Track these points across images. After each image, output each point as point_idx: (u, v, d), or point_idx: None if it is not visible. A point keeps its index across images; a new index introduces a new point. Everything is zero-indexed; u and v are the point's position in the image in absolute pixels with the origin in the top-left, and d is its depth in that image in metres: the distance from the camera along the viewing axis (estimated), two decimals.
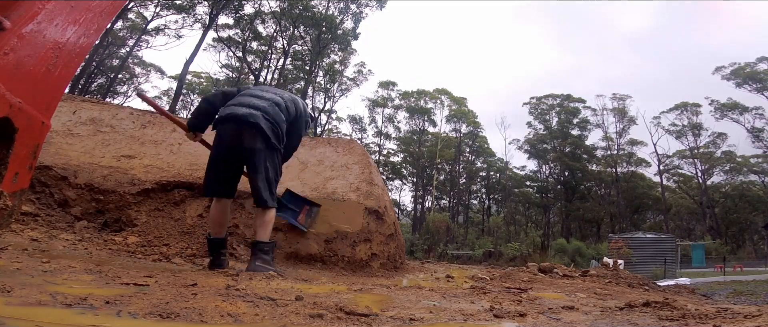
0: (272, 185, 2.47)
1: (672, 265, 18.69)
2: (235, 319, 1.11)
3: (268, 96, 2.55)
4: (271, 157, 2.45)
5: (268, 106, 2.48)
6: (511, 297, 2.07)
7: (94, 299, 1.15)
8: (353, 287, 2.06)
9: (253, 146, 2.38)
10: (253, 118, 2.37)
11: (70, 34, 1.19)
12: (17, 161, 1.10)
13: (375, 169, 4.15)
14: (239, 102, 2.48)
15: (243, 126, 2.37)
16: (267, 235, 2.42)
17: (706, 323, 1.29)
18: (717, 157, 34.80)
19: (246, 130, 2.37)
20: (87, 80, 25.39)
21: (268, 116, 2.43)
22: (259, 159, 2.40)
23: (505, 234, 32.84)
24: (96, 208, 3.22)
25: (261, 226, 2.42)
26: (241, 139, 2.38)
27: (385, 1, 29.57)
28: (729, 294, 6.90)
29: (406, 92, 38.60)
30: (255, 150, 2.38)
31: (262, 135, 2.39)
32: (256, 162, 2.39)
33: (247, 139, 2.38)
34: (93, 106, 4.11)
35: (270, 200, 2.43)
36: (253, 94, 2.55)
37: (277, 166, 2.53)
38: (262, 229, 2.41)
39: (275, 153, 2.49)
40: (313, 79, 31.57)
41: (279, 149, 2.52)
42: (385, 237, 3.63)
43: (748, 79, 30.80)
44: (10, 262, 1.66)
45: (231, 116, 2.40)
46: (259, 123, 2.37)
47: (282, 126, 2.50)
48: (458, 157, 38.41)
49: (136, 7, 25.76)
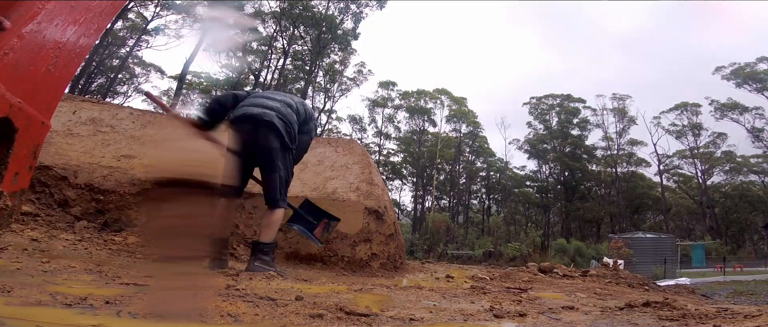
0: (284, 186, 2.49)
1: (672, 265, 18.69)
2: (235, 319, 1.11)
3: (279, 98, 2.58)
4: (284, 156, 2.47)
5: (281, 106, 2.51)
6: (511, 297, 2.07)
7: (94, 299, 1.15)
8: (353, 287, 2.06)
9: (268, 145, 2.40)
10: (268, 117, 2.40)
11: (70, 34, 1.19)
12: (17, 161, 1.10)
13: (375, 169, 4.15)
14: (252, 103, 2.49)
15: (258, 125, 2.39)
16: (270, 236, 2.41)
17: (706, 323, 1.29)
18: (717, 157, 34.78)
19: (261, 128, 2.39)
20: (87, 80, 25.38)
21: (281, 116, 2.46)
22: (274, 157, 2.41)
23: (505, 234, 32.82)
24: (96, 208, 3.22)
25: (266, 227, 2.42)
26: (257, 137, 2.39)
27: (385, 1, 29.62)
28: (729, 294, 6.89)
29: (406, 92, 38.61)
30: (270, 148, 2.40)
31: (277, 134, 2.41)
32: (272, 160, 2.41)
33: (262, 138, 2.39)
34: (93, 106, 4.11)
35: (281, 200, 2.43)
36: (265, 96, 2.57)
37: (289, 167, 2.54)
38: (266, 229, 2.41)
39: (288, 153, 2.51)
40: (313, 79, 31.58)
41: (292, 150, 2.54)
42: (385, 237, 3.63)
43: (748, 79, 30.80)
44: (10, 262, 1.66)
45: (246, 115, 2.41)
46: (273, 122, 2.40)
47: (294, 127, 2.53)
48: (458, 157, 38.40)
49: (136, 7, 25.76)
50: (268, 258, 2.38)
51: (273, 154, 2.40)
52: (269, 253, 2.40)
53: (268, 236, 2.40)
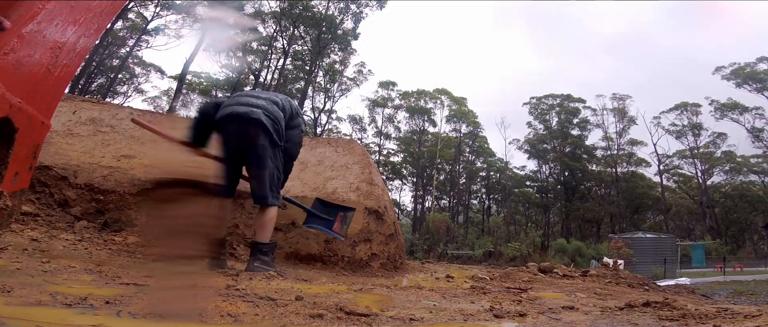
0: (275, 182, 2.45)
1: (672, 265, 18.69)
2: (235, 319, 1.11)
3: (263, 96, 2.56)
4: (273, 153, 2.44)
5: (267, 104, 2.48)
6: (511, 297, 2.07)
7: (94, 299, 1.15)
8: (353, 287, 2.06)
9: (256, 142, 2.37)
10: (255, 115, 2.37)
11: (70, 34, 1.19)
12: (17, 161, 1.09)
13: (375, 169, 4.15)
14: (237, 102, 2.47)
15: (246, 123, 2.37)
16: (266, 236, 2.39)
17: (706, 323, 1.29)
18: (717, 157, 34.79)
19: (249, 127, 2.37)
20: (87, 80, 25.39)
21: (268, 113, 2.43)
22: (263, 155, 2.39)
23: (505, 234, 32.82)
24: (96, 208, 3.22)
25: (260, 227, 2.40)
26: (245, 136, 2.37)
27: (385, 1, 29.62)
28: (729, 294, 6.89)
29: (406, 92, 38.63)
30: (257, 146, 2.38)
31: (265, 131, 2.39)
32: (261, 158, 2.39)
33: (250, 136, 2.37)
34: (93, 106, 4.11)
35: (270, 197, 2.40)
36: (249, 95, 2.55)
37: (280, 165, 2.51)
38: (261, 229, 2.39)
39: (278, 150, 2.48)
40: (313, 79, 31.58)
41: (281, 146, 2.51)
42: (385, 237, 3.63)
43: (748, 79, 30.80)
44: (10, 262, 1.66)
45: (232, 115, 2.39)
46: (260, 119, 2.37)
47: (282, 123, 2.50)
48: (458, 157, 38.40)
49: (136, 7, 25.76)
50: (268, 258, 2.37)
51: (262, 151, 2.38)
52: (268, 253, 2.39)
53: (265, 236, 2.38)
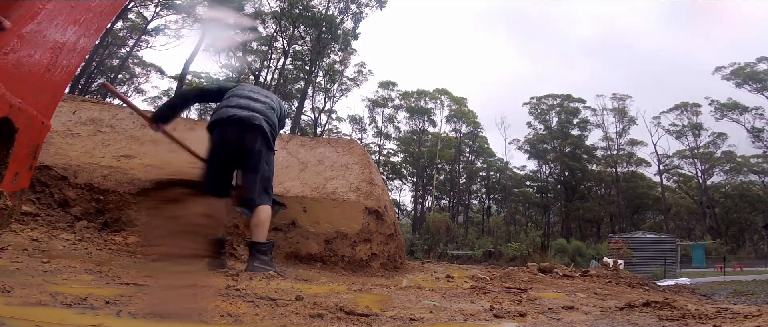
0: (267, 184, 2.51)
1: (672, 265, 18.68)
2: (235, 319, 1.11)
3: (262, 99, 2.60)
4: (268, 157, 2.51)
5: (266, 109, 2.54)
6: (511, 297, 2.07)
7: (94, 299, 1.15)
8: (353, 287, 2.06)
9: (253, 147, 2.42)
10: (256, 121, 2.43)
11: (70, 34, 1.19)
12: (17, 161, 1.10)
13: (375, 169, 4.15)
14: (237, 104, 2.49)
15: (245, 128, 2.41)
16: (263, 235, 2.40)
17: (706, 323, 1.29)
18: (717, 157, 34.79)
19: (249, 132, 2.42)
20: (87, 80, 25.37)
21: (268, 120, 2.50)
22: (258, 159, 2.43)
23: (505, 234, 32.83)
24: (96, 208, 3.22)
25: (256, 227, 2.41)
26: (244, 140, 2.41)
27: (385, 1, 29.63)
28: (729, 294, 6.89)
29: (406, 92, 38.62)
30: (255, 151, 2.42)
31: (264, 137, 2.45)
32: (256, 162, 2.43)
33: (248, 141, 2.41)
34: (93, 106, 4.11)
35: (257, 198, 2.42)
36: (249, 97, 2.57)
37: (272, 166, 2.59)
38: (257, 229, 2.40)
39: (272, 154, 2.57)
40: (313, 79, 31.57)
41: (274, 150, 2.60)
42: (385, 237, 3.63)
43: (748, 79, 30.80)
44: (10, 262, 1.66)
45: (233, 119, 2.42)
46: (262, 125, 2.44)
47: (277, 129, 2.61)
48: (458, 157, 38.40)
49: (136, 7, 25.76)
50: (267, 258, 2.37)
51: (259, 156, 2.43)
52: (267, 252, 2.39)
53: (261, 236, 2.39)
